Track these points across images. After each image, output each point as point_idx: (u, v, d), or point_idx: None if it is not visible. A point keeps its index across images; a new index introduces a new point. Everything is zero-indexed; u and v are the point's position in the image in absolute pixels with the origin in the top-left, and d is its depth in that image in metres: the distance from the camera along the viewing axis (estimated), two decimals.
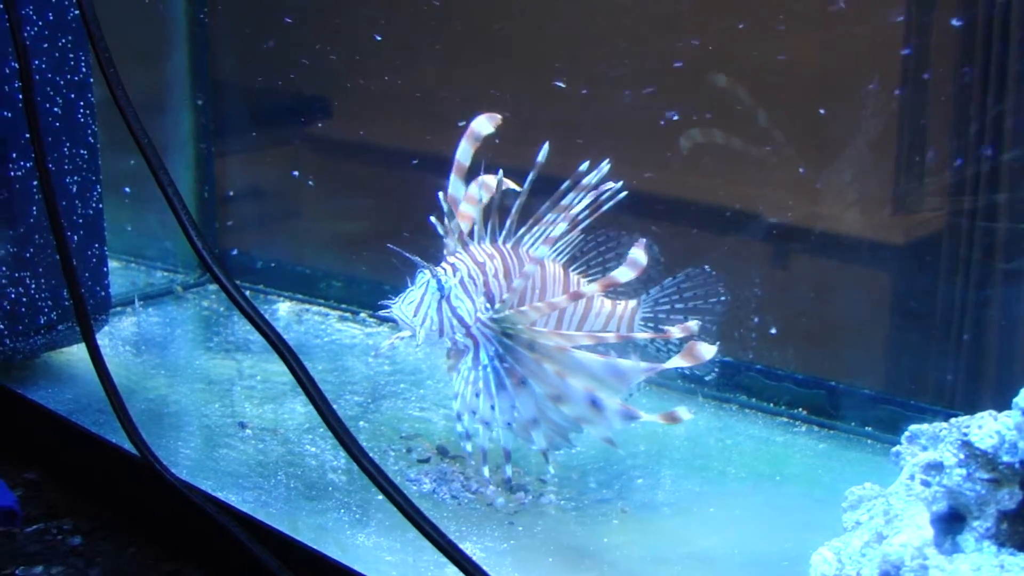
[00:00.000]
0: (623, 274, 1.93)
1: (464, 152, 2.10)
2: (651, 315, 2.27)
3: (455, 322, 2.08)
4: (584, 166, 2.08)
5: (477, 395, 2.09)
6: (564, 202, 2.09)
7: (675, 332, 1.98)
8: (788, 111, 2.41)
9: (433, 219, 2.14)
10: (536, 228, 2.14)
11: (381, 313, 2.08)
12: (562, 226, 2.10)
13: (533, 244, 2.14)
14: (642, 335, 2.18)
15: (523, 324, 2.05)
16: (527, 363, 2.05)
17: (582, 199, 2.08)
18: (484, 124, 2.08)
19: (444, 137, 2.28)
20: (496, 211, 2.13)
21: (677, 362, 1.92)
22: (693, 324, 1.98)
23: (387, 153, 1.92)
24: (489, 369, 2.09)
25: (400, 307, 2.05)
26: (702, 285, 2.25)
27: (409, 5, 2.92)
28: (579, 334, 2.07)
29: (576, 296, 2.09)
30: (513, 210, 2.12)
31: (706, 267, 2.24)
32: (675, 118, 2.49)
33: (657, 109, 2.49)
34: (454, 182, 2.13)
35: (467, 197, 2.14)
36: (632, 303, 2.27)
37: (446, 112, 2.76)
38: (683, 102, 2.48)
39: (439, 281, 2.05)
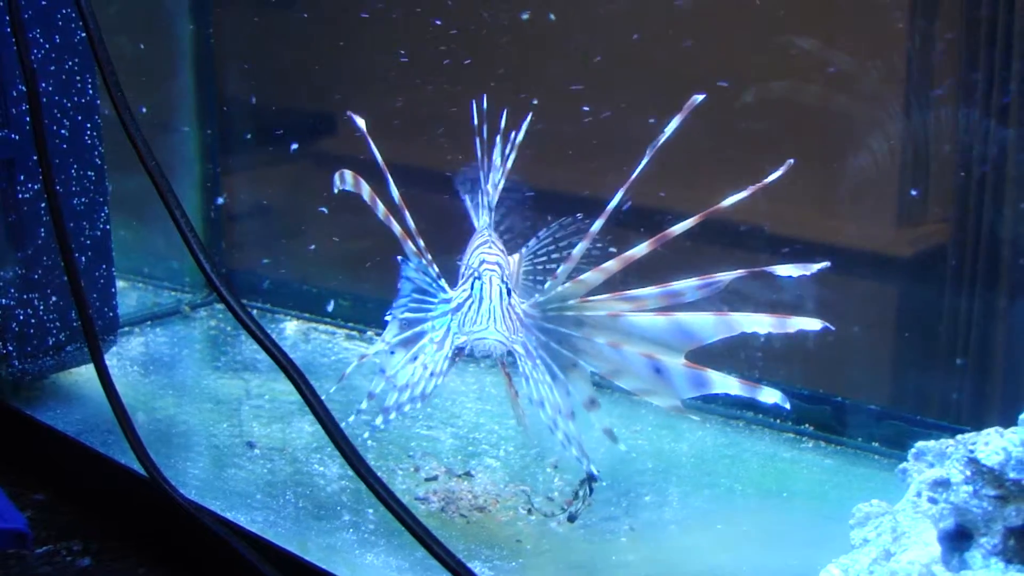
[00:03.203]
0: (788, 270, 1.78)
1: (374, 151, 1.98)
2: (531, 268, 2.22)
3: (517, 323, 1.97)
4: (503, 121, 2.10)
5: (551, 388, 1.99)
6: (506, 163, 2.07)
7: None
8: (794, 127, 2.42)
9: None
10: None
11: (482, 344, 1.94)
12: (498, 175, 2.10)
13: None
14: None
15: (575, 298, 1.92)
16: (576, 343, 1.95)
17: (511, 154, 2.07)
18: (359, 119, 1.98)
19: (447, 156, 2.30)
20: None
21: (763, 324, 1.78)
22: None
23: (392, 172, 1.92)
24: (539, 361, 1.99)
25: (495, 330, 1.92)
26: (575, 232, 2.23)
27: (417, 25, 2.93)
28: (646, 291, 1.87)
29: (662, 238, 1.82)
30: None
31: (578, 215, 2.20)
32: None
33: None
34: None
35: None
36: (516, 256, 2.22)
37: (451, 131, 2.77)
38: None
39: (506, 285, 1.96)
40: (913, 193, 2.36)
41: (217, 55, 3.45)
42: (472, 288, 1.96)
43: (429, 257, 2.02)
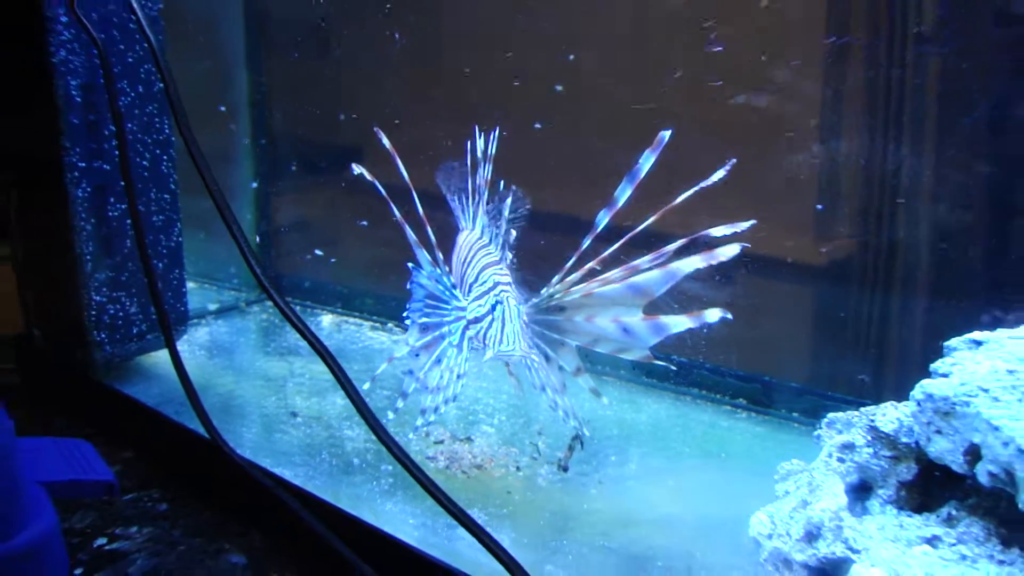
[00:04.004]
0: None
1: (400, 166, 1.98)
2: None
3: (527, 331, 1.95)
4: (480, 141, 2.11)
5: (548, 373, 2.00)
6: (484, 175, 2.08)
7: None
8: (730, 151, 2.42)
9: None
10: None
11: (510, 357, 1.93)
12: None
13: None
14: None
15: (562, 291, 1.91)
16: (561, 324, 1.95)
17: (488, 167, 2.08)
18: (384, 137, 1.99)
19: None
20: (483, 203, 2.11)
21: (695, 262, 1.72)
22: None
23: (412, 192, 1.94)
24: (536, 351, 1.99)
25: (519, 349, 1.91)
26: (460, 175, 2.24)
27: (432, 74, 2.94)
28: (612, 272, 1.86)
29: (629, 237, 1.82)
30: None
31: (455, 163, 2.21)
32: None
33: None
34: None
35: None
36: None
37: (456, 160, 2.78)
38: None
39: (520, 303, 1.95)
40: (819, 208, 2.36)
41: (268, 97, 3.45)
42: (494, 310, 1.94)
43: (446, 268, 2.02)
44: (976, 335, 1.68)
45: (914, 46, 2.18)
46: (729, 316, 1.71)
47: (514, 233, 2.02)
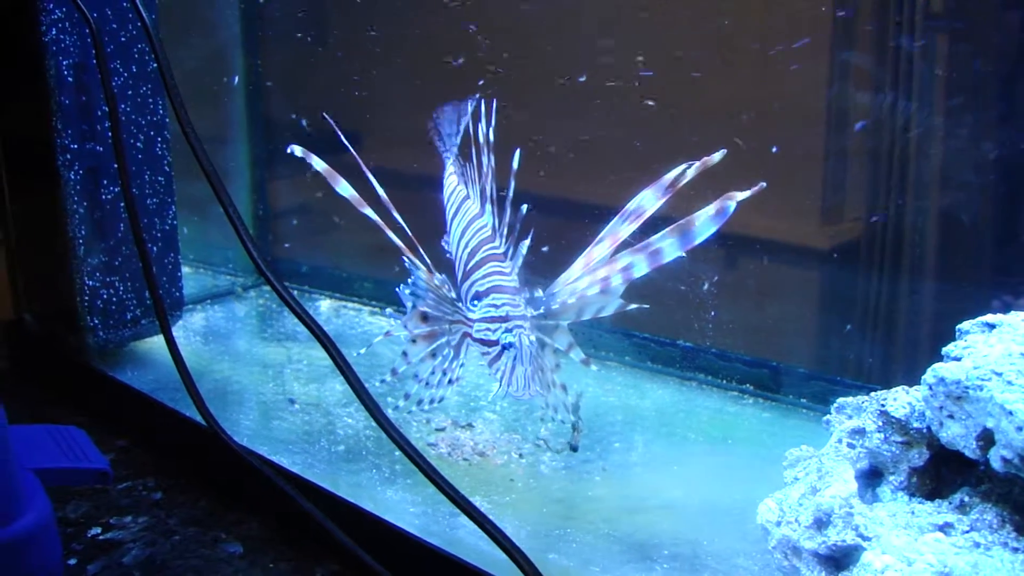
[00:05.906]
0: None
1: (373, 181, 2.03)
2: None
3: (538, 356, 1.94)
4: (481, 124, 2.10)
5: (543, 370, 1.99)
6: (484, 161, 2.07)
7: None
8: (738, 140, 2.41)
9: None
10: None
11: (518, 400, 1.95)
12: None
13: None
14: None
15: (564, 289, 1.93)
16: (550, 304, 1.95)
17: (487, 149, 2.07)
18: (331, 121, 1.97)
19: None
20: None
21: (647, 195, 1.79)
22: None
23: (407, 177, 1.92)
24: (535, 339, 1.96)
25: (530, 394, 1.89)
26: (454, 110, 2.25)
27: (424, 62, 2.92)
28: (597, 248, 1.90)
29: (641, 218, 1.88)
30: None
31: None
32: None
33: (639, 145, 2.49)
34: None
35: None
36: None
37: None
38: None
39: (534, 343, 1.92)
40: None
41: (265, 80, 3.44)
42: (506, 351, 1.89)
43: (443, 277, 2.01)
44: (989, 318, 1.67)
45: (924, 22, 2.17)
46: (682, 254, 1.76)
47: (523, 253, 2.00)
